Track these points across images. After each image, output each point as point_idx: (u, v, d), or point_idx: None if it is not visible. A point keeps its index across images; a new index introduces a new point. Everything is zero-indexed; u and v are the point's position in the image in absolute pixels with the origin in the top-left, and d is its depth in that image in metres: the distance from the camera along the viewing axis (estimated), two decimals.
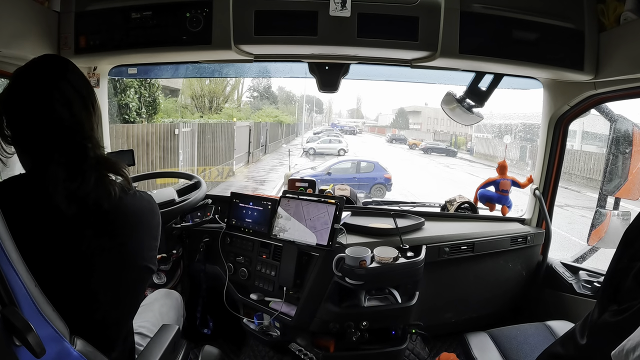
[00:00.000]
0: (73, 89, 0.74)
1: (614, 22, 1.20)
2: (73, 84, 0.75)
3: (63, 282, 0.71)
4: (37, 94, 0.72)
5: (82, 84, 0.77)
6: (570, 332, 0.87)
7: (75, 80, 0.76)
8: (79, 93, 0.75)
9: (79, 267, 0.73)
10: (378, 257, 1.30)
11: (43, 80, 0.73)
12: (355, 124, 34.67)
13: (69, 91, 0.74)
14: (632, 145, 1.49)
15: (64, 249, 0.71)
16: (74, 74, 0.77)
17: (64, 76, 0.75)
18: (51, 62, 0.77)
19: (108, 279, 0.76)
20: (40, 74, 0.74)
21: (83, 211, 0.72)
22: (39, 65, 0.75)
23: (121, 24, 1.26)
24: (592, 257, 1.74)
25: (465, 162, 17.33)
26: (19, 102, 0.73)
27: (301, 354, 1.37)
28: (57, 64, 0.76)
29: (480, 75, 1.49)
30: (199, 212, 1.63)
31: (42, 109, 0.72)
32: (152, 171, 3.53)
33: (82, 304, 0.74)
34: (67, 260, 0.72)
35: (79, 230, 0.72)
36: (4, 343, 0.54)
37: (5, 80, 1.27)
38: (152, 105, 7.46)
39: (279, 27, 1.25)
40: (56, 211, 0.71)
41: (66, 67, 0.76)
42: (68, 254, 0.72)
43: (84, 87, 0.77)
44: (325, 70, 1.49)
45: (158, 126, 7.05)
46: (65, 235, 0.72)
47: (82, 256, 0.73)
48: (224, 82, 14.03)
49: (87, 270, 0.73)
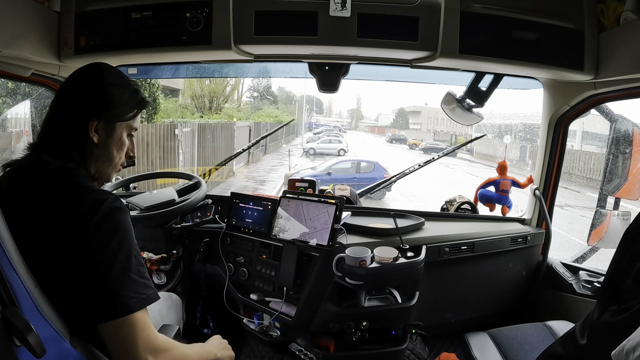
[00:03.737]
0: (72, 92, 0.81)
1: (614, 22, 1.20)
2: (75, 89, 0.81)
3: (64, 282, 0.71)
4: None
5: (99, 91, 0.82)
6: (570, 332, 0.87)
7: (74, 85, 0.83)
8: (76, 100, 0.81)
9: (77, 266, 0.72)
10: (378, 257, 1.30)
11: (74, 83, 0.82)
12: (340, 123, 32.98)
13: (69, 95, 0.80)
14: (632, 145, 1.49)
15: (62, 247, 0.71)
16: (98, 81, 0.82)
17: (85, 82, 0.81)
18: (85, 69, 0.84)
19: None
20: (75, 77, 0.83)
21: (59, 210, 0.72)
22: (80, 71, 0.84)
23: (121, 24, 1.26)
24: (592, 257, 1.74)
25: (465, 162, 17.32)
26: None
27: (301, 354, 1.37)
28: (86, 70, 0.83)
29: (480, 75, 1.49)
30: (199, 212, 1.63)
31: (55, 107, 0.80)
32: (152, 171, 3.52)
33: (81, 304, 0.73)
34: (66, 260, 0.71)
35: (62, 230, 0.71)
36: (4, 343, 0.55)
37: (5, 80, 1.27)
38: (152, 105, 7.46)
39: (279, 27, 1.25)
40: (47, 209, 0.71)
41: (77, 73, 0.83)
42: (66, 253, 0.71)
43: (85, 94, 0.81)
44: (325, 70, 1.49)
45: (158, 126, 7.05)
46: (61, 234, 0.71)
47: (78, 256, 0.72)
48: (224, 82, 14.05)
49: (87, 270, 0.73)
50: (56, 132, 0.80)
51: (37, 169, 0.76)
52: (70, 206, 0.72)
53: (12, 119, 2.97)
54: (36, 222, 0.71)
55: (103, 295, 0.68)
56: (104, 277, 0.68)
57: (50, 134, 0.80)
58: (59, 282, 0.70)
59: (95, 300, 0.68)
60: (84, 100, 0.80)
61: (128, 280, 0.70)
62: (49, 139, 0.80)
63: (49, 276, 0.69)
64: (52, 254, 0.70)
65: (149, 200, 1.44)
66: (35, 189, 0.74)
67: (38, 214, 0.72)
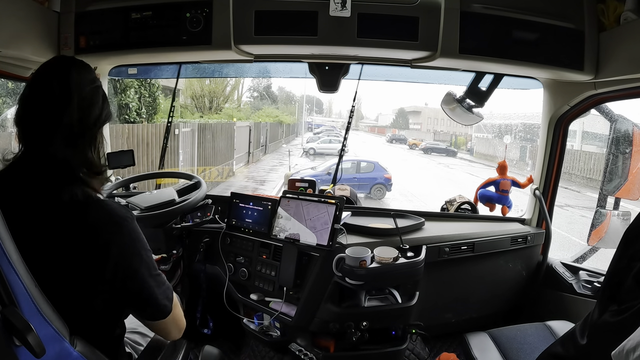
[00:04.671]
0: (49, 87, 0.75)
1: (614, 22, 1.20)
2: (55, 83, 0.75)
3: (64, 282, 0.71)
4: (39, 88, 0.75)
5: (75, 89, 0.76)
6: (570, 332, 0.87)
7: (68, 82, 0.76)
8: (68, 95, 0.75)
9: (71, 268, 0.72)
10: (378, 257, 1.30)
11: (36, 77, 0.76)
12: (338, 123, 33.29)
13: (59, 94, 0.75)
14: (632, 145, 1.49)
15: (56, 247, 0.71)
16: (64, 74, 0.77)
17: (51, 74, 0.76)
18: (52, 63, 0.78)
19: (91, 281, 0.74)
20: (38, 73, 0.77)
21: (56, 213, 0.72)
22: (49, 64, 0.78)
23: (121, 24, 1.26)
24: (592, 257, 1.74)
25: (465, 162, 17.33)
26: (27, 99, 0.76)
27: (301, 354, 1.37)
28: (54, 64, 0.78)
29: (480, 76, 1.49)
30: (199, 212, 1.62)
31: (33, 101, 0.75)
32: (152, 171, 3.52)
33: (81, 304, 0.73)
34: (62, 260, 0.71)
35: (59, 232, 0.71)
36: (4, 343, 0.54)
37: (5, 80, 1.27)
38: (152, 105, 7.46)
39: (279, 27, 1.25)
40: (51, 208, 0.71)
41: (59, 66, 0.78)
42: (65, 253, 0.71)
43: (79, 92, 0.76)
44: (325, 70, 1.49)
45: (158, 126, 7.05)
46: (52, 235, 0.71)
47: (70, 258, 0.72)
48: (224, 82, 14.03)
49: (78, 272, 0.73)
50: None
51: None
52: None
53: (12, 119, 2.98)
54: (33, 217, 0.71)
55: (147, 305, 0.80)
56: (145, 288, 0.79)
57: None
58: (59, 282, 0.70)
59: (138, 307, 0.81)
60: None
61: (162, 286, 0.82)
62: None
63: (50, 276, 0.69)
64: (51, 252, 0.71)
65: (149, 200, 1.44)
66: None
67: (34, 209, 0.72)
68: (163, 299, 0.80)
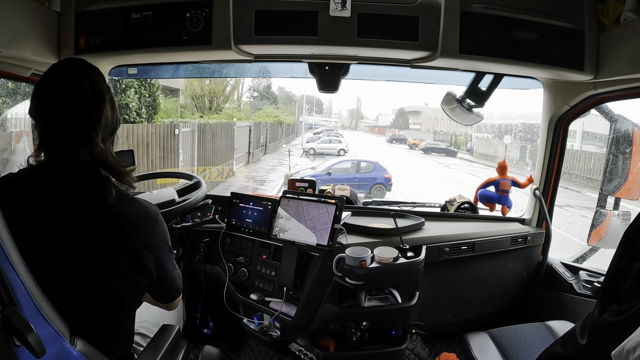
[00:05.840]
0: (83, 88, 0.76)
1: (614, 22, 1.20)
2: (87, 84, 0.76)
3: (65, 282, 0.71)
4: (53, 90, 0.75)
5: (97, 89, 0.78)
6: (570, 332, 0.87)
7: (83, 83, 0.76)
8: (84, 99, 0.76)
9: (81, 267, 0.73)
10: (378, 257, 1.30)
11: (61, 78, 0.76)
12: (335, 123, 33.33)
13: (75, 94, 0.75)
14: (632, 145, 1.49)
15: (67, 248, 0.72)
16: (91, 75, 0.78)
17: (80, 76, 0.77)
18: (71, 63, 0.79)
19: (108, 279, 0.76)
20: (60, 74, 0.77)
21: (81, 211, 0.73)
22: (60, 66, 0.78)
23: (121, 24, 1.26)
24: (592, 257, 1.74)
25: (465, 162, 17.33)
26: (32, 103, 0.76)
27: (301, 354, 1.37)
28: (76, 65, 0.79)
29: (480, 76, 1.49)
30: (199, 212, 1.62)
31: (51, 104, 0.74)
32: (152, 171, 3.52)
33: (83, 304, 0.74)
34: (70, 260, 0.72)
35: (79, 231, 0.73)
36: (4, 343, 0.55)
37: (4, 80, 1.27)
38: (152, 105, 7.47)
39: (279, 27, 1.25)
40: (59, 209, 0.72)
41: (84, 68, 0.79)
42: (71, 253, 0.72)
43: (98, 92, 0.77)
44: (325, 70, 1.49)
45: (158, 126, 7.06)
46: (67, 235, 0.72)
47: (84, 256, 0.73)
48: (224, 82, 14.05)
49: (91, 271, 0.74)
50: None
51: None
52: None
53: (12, 119, 2.98)
54: (38, 219, 0.72)
55: (168, 289, 0.91)
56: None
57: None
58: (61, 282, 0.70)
59: (160, 292, 0.91)
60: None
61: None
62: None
63: (51, 275, 0.69)
64: (54, 252, 0.71)
65: (149, 200, 1.44)
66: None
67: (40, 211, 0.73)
68: (178, 279, 0.92)
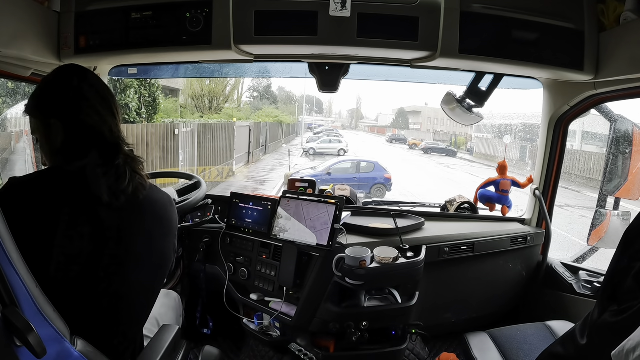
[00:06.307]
0: (98, 94, 0.82)
1: (614, 22, 1.20)
2: (97, 90, 0.82)
3: (72, 283, 0.72)
4: (64, 97, 0.80)
5: (103, 89, 0.84)
6: (570, 332, 0.87)
7: (96, 85, 0.83)
8: (104, 98, 0.82)
9: (101, 263, 0.75)
10: (378, 257, 1.30)
11: (67, 85, 0.81)
12: (323, 121, 33.33)
13: (94, 96, 0.81)
14: (632, 145, 1.49)
15: (90, 242, 0.73)
16: (93, 80, 0.84)
17: (84, 81, 0.82)
18: (71, 70, 0.84)
19: (128, 275, 0.79)
20: (63, 80, 0.82)
21: (124, 203, 0.78)
22: (62, 72, 0.83)
23: (121, 24, 1.26)
24: (592, 257, 1.74)
25: (465, 162, 17.33)
26: (46, 107, 0.80)
27: (301, 354, 1.37)
28: (76, 71, 0.84)
29: (480, 76, 1.49)
30: (199, 212, 1.62)
31: (72, 113, 0.79)
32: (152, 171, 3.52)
33: (86, 304, 0.74)
34: (88, 262, 0.73)
35: (111, 223, 0.76)
36: (4, 343, 0.54)
37: (5, 80, 1.27)
38: (152, 105, 7.47)
39: (279, 27, 1.25)
40: (86, 204, 0.74)
41: (84, 74, 0.84)
42: (93, 248, 0.74)
43: (106, 92, 0.84)
44: (325, 70, 1.49)
45: (158, 126, 7.06)
46: (95, 226, 0.74)
47: (108, 251, 0.76)
48: (224, 82, 14.05)
49: (109, 267, 0.75)
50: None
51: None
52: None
53: (12, 119, 2.98)
54: (49, 222, 0.72)
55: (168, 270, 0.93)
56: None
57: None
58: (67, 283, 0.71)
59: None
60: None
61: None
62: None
63: (57, 276, 0.69)
64: (68, 255, 0.72)
65: None
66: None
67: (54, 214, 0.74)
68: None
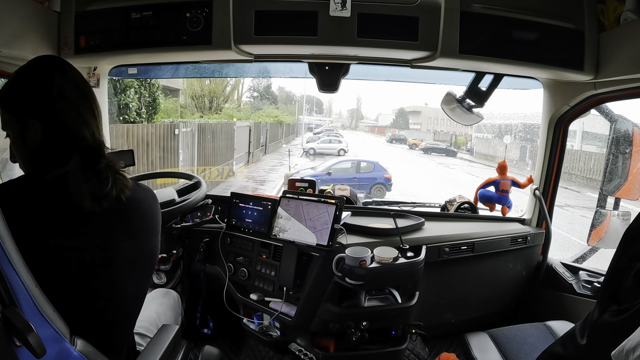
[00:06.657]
0: (79, 91, 0.76)
1: (614, 22, 1.20)
2: (78, 86, 0.76)
3: (70, 283, 0.71)
4: (42, 94, 0.73)
5: (85, 86, 0.78)
6: (570, 332, 0.87)
7: (78, 81, 0.77)
8: (85, 96, 0.77)
9: (92, 268, 0.73)
10: (378, 257, 1.30)
11: (46, 79, 0.74)
12: (321, 121, 33.33)
13: (75, 94, 0.75)
14: (632, 146, 1.49)
15: (77, 250, 0.72)
16: (74, 75, 0.77)
17: (65, 77, 0.75)
18: (51, 62, 0.78)
19: (120, 278, 0.77)
20: (41, 73, 0.75)
21: (107, 208, 0.74)
22: (40, 65, 0.76)
23: (121, 24, 1.26)
24: (592, 257, 1.74)
25: (465, 162, 17.34)
26: (21, 103, 0.73)
27: (301, 354, 1.37)
28: (56, 64, 0.77)
29: (480, 76, 1.49)
30: (199, 212, 1.62)
31: (53, 113, 0.72)
32: (152, 171, 3.52)
33: (86, 304, 0.74)
34: (81, 261, 0.72)
35: (97, 230, 0.73)
36: (4, 343, 0.54)
37: (5, 80, 1.27)
38: (152, 105, 7.46)
39: (279, 27, 1.25)
40: (69, 212, 0.71)
41: (64, 67, 0.77)
42: (82, 255, 0.72)
43: (87, 89, 0.78)
44: (325, 70, 1.49)
45: (158, 126, 7.05)
46: (79, 236, 0.72)
47: (97, 257, 0.74)
48: (224, 82, 14.04)
49: (101, 271, 0.74)
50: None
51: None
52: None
53: None
54: (43, 222, 0.72)
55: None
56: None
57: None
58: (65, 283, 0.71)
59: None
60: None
61: None
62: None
63: (55, 276, 0.69)
64: (62, 255, 0.71)
65: None
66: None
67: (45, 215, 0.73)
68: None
